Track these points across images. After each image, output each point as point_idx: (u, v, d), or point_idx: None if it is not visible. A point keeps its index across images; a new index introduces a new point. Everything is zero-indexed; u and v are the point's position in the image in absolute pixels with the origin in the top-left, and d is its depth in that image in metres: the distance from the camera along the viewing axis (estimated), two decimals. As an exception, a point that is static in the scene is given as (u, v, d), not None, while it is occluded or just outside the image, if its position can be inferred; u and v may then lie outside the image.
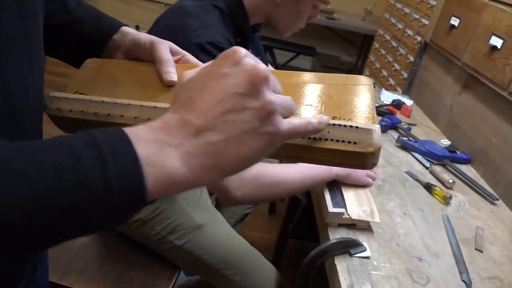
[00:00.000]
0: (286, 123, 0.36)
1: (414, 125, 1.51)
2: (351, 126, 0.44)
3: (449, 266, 0.83)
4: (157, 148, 0.32)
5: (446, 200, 1.05)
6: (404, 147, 1.31)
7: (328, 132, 0.44)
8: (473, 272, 0.83)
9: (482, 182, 1.19)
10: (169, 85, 0.51)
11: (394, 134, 1.38)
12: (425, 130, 1.49)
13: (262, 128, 0.34)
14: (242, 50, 0.36)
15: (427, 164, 1.22)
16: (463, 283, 0.79)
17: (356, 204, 0.91)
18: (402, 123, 1.46)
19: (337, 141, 0.43)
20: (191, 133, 0.33)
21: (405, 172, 1.17)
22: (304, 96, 0.49)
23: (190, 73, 0.38)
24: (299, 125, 0.38)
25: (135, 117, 0.47)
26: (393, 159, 1.23)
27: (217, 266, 1.00)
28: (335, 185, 0.96)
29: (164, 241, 1.00)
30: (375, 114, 0.47)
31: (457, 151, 1.32)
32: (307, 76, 0.51)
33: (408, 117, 1.58)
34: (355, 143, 0.43)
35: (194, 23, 0.95)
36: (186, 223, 1.01)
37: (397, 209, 0.99)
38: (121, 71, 0.55)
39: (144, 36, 0.56)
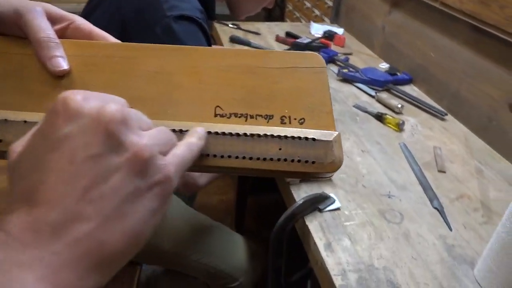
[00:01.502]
0: (171, 159, 0.27)
1: (350, 54, 1.45)
2: (306, 139, 0.35)
3: (418, 196, 0.80)
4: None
5: (400, 127, 1.01)
6: (346, 79, 1.25)
7: (280, 149, 0.35)
8: (442, 195, 0.81)
9: (428, 100, 1.17)
10: (60, 75, 0.37)
11: (333, 68, 1.32)
12: (362, 58, 1.44)
13: (145, 182, 0.25)
14: (76, 95, 0.25)
15: (372, 93, 1.17)
16: (435, 211, 0.77)
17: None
18: (339, 55, 1.40)
19: (287, 160, 0.35)
20: (48, 235, 0.22)
21: (353, 106, 1.11)
22: (240, 87, 0.38)
23: (18, 146, 0.26)
24: (183, 153, 0.29)
25: None
26: (338, 95, 1.17)
27: (180, 253, 0.92)
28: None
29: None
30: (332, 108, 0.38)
31: (397, 73, 1.29)
32: (243, 56, 0.40)
33: (343, 46, 1.52)
34: (313, 162, 0.34)
35: None
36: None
37: (355, 147, 0.94)
38: None
39: (7, 3, 0.38)
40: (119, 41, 0.43)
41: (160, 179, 0.26)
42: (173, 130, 0.35)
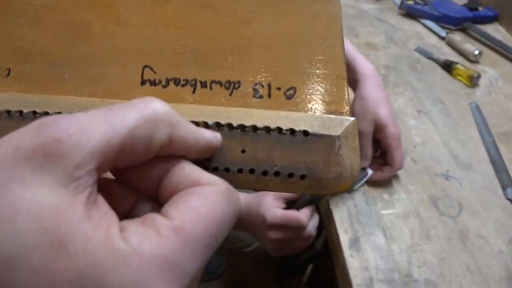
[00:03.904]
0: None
1: (420, -20, 1.17)
2: (292, 132, 0.20)
3: (486, 179, 0.61)
4: None
5: (473, 81, 0.78)
6: (411, 14, 1.00)
7: (243, 152, 0.19)
8: (520, 181, 0.61)
9: (516, 46, 0.91)
10: None
11: (395, -1, 1.06)
12: (435, -15, 1.15)
13: None
14: None
15: (443, 33, 0.93)
16: (508, 203, 0.58)
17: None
18: (405, -19, 1.12)
19: (256, 172, 0.20)
20: None
21: (415, 50, 0.88)
22: (187, 31, 0.22)
23: None
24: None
25: None
26: (397, 34, 0.94)
27: None
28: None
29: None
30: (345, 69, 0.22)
31: (479, 7, 1.01)
32: None
33: (412, -29, 1.22)
34: (302, 177, 0.19)
35: None
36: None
37: (409, 106, 0.74)
38: None
39: None
40: None
41: None
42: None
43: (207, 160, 0.18)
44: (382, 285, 0.47)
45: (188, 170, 0.16)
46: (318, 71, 0.21)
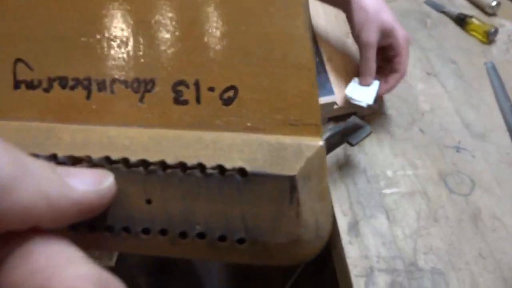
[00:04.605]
0: None
1: None
2: (222, 171, 0.12)
3: (502, 151, 0.55)
4: None
5: (489, 37, 0.70)
6: (420, -39, 0.89)
7: (148, 202, 0.12)
8: (540, 152, 0.54)
9: (539, -5, 0.81)
10: None
11: None
12: None
13: None
14: None
15: (456, -17, 0.83)
16: (527, 177, 0.52)
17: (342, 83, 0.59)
18: None
19: (170, 234, 0.12)
20: None
21: (425, 3, 0.79)
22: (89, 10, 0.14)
23: None
24: None
25: None
26: (405, -16, 0.84)
27: None
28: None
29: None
30: (315, 78, 0.13)
31: (498, -48, 0.90)
32: None
33: None
34: (240, 241, 0.12)
35: None
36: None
37: (417, 68, 0.66)
38: None
39: None
40: None
41: None
42: None
43: (95, 217, 0.12)
44: (384, 275, 0.43)
45: (37, 259, 0.09)
46: (270, 58, 0.14)
